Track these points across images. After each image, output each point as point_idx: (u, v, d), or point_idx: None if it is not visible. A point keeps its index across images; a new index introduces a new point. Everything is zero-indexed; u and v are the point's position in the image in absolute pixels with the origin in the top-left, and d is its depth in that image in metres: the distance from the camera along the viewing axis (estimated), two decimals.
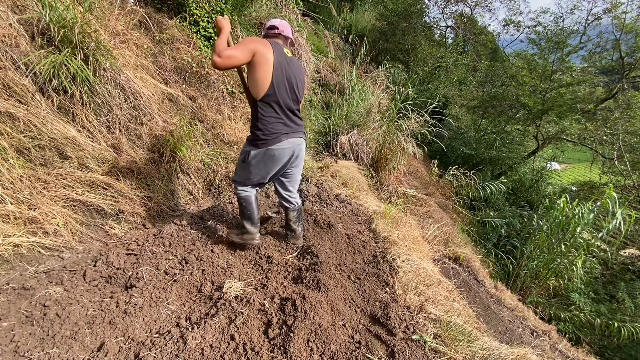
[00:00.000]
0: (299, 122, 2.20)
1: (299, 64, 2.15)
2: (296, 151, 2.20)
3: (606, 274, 7.76)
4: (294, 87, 2.08)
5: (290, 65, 2.05)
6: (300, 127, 2.20)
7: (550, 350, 3.75)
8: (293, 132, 2.14)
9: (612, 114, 9.26)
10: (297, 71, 2.10)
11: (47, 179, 2.24)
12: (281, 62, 1.98)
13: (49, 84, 2.38)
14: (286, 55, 2.05)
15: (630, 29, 9.12)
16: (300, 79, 2.13)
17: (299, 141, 2.18)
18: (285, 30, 2.16)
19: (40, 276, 1.86)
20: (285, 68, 2.01)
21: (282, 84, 2.00)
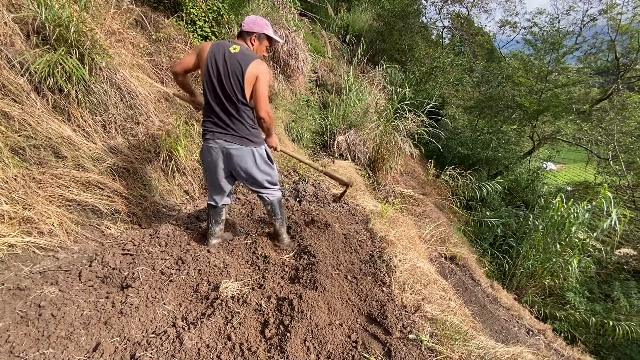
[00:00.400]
0: (230, 123, 2.02)
1: (240, 59, 1.93)
2: (227, 155, 2.07)
3: (601, 273, 7.83)
4: (224, 84, 1.94)
5: (227, 62, 1.93)
6: (229, 130, 2.02)
7: (545, 349, 3.78)
8: (221, 132, 2.03)
9: (607, 115, 9.35)
10: (234, 67, 1.93)
11: (42, 179, 2.23)
12: (214, 60, 1.95)
13: (44, 83, 2.36)
14: (227, 52, 1.95)
15: (626, 30, 9.21)
16: (235, 75, 1.93)
17: (227, 144, 2.04)
18: (245, 26, 2.09)
19: (35, 276, 1.84)
20: (217, 65, 1.94)
21: (210, 82, 1.98)
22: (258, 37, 2.12)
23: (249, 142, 2.07)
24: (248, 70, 1.93)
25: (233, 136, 2.04)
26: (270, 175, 2.29)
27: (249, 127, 2.08)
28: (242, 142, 2.06)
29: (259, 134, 2.17)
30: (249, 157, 2.10)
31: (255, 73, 1.95)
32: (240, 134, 2.04)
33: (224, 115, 2.03)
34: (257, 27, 2.10)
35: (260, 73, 1.97)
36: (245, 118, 2.05)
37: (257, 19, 2.11)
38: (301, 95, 6.05)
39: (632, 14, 9.16)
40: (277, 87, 5.28)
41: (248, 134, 2.07)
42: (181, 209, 3.01)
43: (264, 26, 2.11)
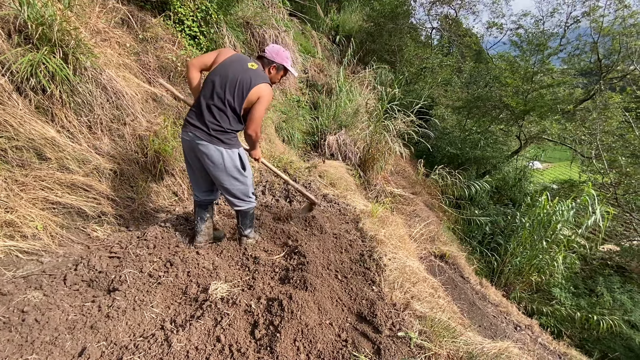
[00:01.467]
0: (209, 121, 2.03)
1: (253, 76, 2.05)
2: (196, 150, 2.07)
3: (586, 269, 8.04)
4: (227, 87, 2.02)
5: (240, 72, 2.04)
6: (204, 127, 2.03)
7: (532, 344, 3.86)
8: (195, 127, 2.04)
9: (590, 115, 9.59)
10: (244, 79, 2.03)
11: (25, 181, 2.17)
12: (230, 64, 2.06)
13: (26, 83, 2.30)
14: (244, 64, 2.07)
15: (608, 32, 9.46)
16: (242, 86, 2.02)
17: (196, 139, 2.04)
18: (267, 54, 2.23)
19: (19, 281, 1.80)
20: (230, 70, 2.04)
21: (215, 80, 2.04)
22: (277, 67, 2.25)
23: (218, 142, 2.06)
24: (255, 88, 2.04)
25: (204, 132, 2.04)
26: (240, 183, 2.22)
27: (225, 130, 2.07)
28: (212, 140, 2.05)
29: (235, 140, 2.15)
30: (216, 156, 2.08)
31: (259, 93, 2.05)
32: (212, 133, 2.04)
33: (208, 113, 2.05)
34: (279, 58, 2.23)
35: (263, 95, 2.07)
36: (225, 123, 2.07)
37: (280, 50, 2.23)
38: (291, 96, 6.05)
39: (613, 17, 9.42)
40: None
41: (220, 135, 2.06)
42: (170, 210, 2.98)
43: (284, 59, 2.24)
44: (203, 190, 2.33)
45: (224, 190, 2.24)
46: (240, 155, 2.18)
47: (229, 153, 2.10)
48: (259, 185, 3.81)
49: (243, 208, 2.33)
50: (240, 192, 2.26)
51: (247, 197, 2.31)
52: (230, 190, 2.22)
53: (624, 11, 9.08)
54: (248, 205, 2.34)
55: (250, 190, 2.32)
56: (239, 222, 2.42)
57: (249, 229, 2.46)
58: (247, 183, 2.27)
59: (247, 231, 2.45)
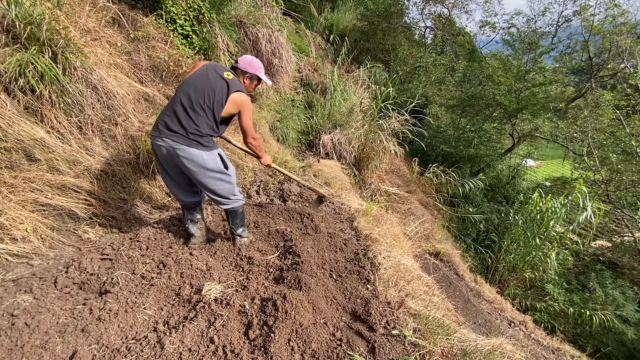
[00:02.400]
0: (186, 125, 2.02)
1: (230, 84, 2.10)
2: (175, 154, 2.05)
3: (578, 265, 8.14)
4: (204, 92, 2.05)
5: (217, 79, 2.10)
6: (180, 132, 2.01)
7: (526, 339, 3.90)
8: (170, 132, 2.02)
9: (581, 112, 9.73)
10: (221, 86, 2.08)
11: (14, 183, 2.14)
12: (207, 71, 2.12)
13: (14, 83, 2.27)
14: (221, 73, 2.13)
15: (598, 31, 9.59)
16: (220, 92, 2.07)
17: (174, 144, 2.01)
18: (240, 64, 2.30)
19: (8, 284, 1.77)
20: (207, 76, 2.10)
21: (191, 85, 2.08)
22: (250, 77, 2.34)
23: (197, 145, 2.05)
24: (234, 95, 2.11)
25: (182, 137, 2.03)
26: (225, 182, 2.21)
27: (203, 134, 2.07)
28: (190, 144, 2.04)
29: (212, 142, 2.16)
30: (196, 159, 2.06)
31: (238, 104, 2.15)
32: (190, 137, 2.04)
33: (185, 118, 2.04)
34: (252, 69, 2.30)
35: (243, 106, 2.17)
36: (203, 127, 2.07)
37: (252, 61, 2.31)
38: (286, 95, 6.03)
39: (604, 16, 9.55)
40: (261, 86, 5.24)
41: (198, 139, 2.06)
42: (162, 211, 2.95)
43: (257, 69, 2.33)
44: (186, 193, 2.30)
45: (209, 191, 2.22)
46: (220, 155, 2.18)
47: (208, 155, 2.10)
48: (253, 185, 3.80)
49: (231, 207, 2.31)
50: (226, 192, 2.24)
51: (233, 196, 2.29)
52: (215, 191, 2.21)
53: (614, 10, 9.21)
54: (235, 203, 2.32)
55: (235, 189, 2.30)
56: (230, 222, 2.41)
57: (240, 228, 2.44)
58: (232, 182, 2.26)
59: (240, 230, 2.44)
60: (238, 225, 2.42)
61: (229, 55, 4.50)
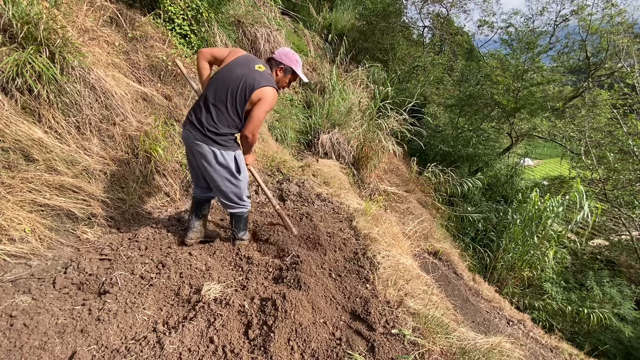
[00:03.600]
0: (205, 122, 2.01)
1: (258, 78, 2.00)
2: (192, 148, 2.07)
3: (576, 264, 8.18)
4: (230, 87, 1.99)
5: (247, 73, 2.00)
6: (200, 127, 2.01)
7: (524, 338, 3.92)
8: (193, 125, 2.04)
9: (579, 112, 9.75)
10: (249, 80, 1.98)
11: (12, 183, 2.13)
12: (238, 64, 2.03)
13: (12, 83, 2.25)
14: (252, 65, 2.03)
15: (595, 31, 9.61)
16: (245, 87, 1.98)
17: (193, 138, 2.03)
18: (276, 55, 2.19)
19: (6, 285, 1.76)
20: (237, 69, 2.01)
21: (220, 78, 2.03)
22: (284, 70, 2.19)
23: (212, 143, 2.03)
24: (258, 90, 1.98)
25: (199, 132, 2.03)
26: (234, 185, 2.19)
27: (220, 132, 2.03)
28: (206, 141, 2.03)
29: (231, 142, 2.11)
30: (209, 156, 2.05)
31: (261, 96, 2.00)
32: (207, 133, 2.02)
33: (206, 113, 2.03)
34: (287, 60, 2.17)
35: (265, 97, 2.01)
36: (223, 125, 2.03)
37: (289, 53, 2.19)
38: (284, 94, 6.03)
39: (601, 15, 9.57)
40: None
41: (214, 137, 2.03)
42: (161, 211, 2.95)
43: (294, 62, 2.19)
44: (201, 187, 2.31)
45: (217, 191, 2.21)
46: (235, 158, 2.13)
47: (223, 154, 2.06)
48: (252, 184, 3.80)
49: (236, 211, 2.30)
50: (234, 195, 2.22)
51: (241, 201, 2.28)
52: (223, 191, 2.19)
53: (611, 9, 9.23)
54: (241, 209, 2.31)
55: (244, 194, 2.28)
56: (233, 225, 2.41)
57: (242, 232, 2.44)
58: (241, 186, 2.22)
59: (241, 234, 2.44)
60: (240, 229, 2.43)
61: None
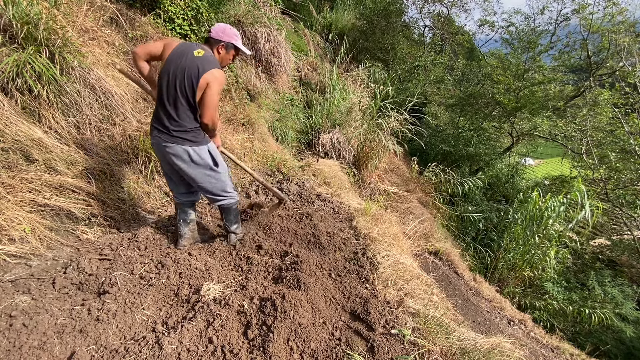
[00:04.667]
0: (167, 123, 1.99)
1: (200, 64, 1.94)
2: (164, 152, 2.05)
3: (577, 264, 8.16)
4: (177, 84, 1.94)
5: (187, 64, 1.94)
6: (165, 129, 1.99)
7: (525, 338, 3.91)
8: (158, 129, 2.02)
9: (580, 111, 9.73)
10: (191, 70, 1.93)
11: (12, 183, 2.13)
12: (176, 59, 1.96)
13: (12, 83, 2.26)
14: (190, 54, 1.96)
15: (597, 29, 9.58)
16: (190, 78, 1.93)
17: (162, 142, 2.01)
18: (213, 33, 2.09)
19: (6, 285, 1.76)
20: (177, 64, 1.95)
21: (165, 78, 1.97)
22: (225, 46, 2.11)
23: (183, 141, 2.01)
24: (204, 75, 1.93)
25: (167, 135, 2.01)
26: (215, 179, 2.19)
27: (187, 129, 2.02)
28: (176, 141, 2.01)
29: (201, 136, 2.09)
30: (184, 156, 2.04)
31: (208, 79, 1.94)
32: (174, 134, 2.00)
33: (165, 115, 2.00)
34: (226, 36, 2.09)
35: (212, 80, 1.95)
36: (185, 121, 2.00)
37: (226, 28, 2.10)
38: (284, 94, 6.02)
39: (602, 14, 9.54)
40: (260, 86, 5.24)
41: (183, 135, 2.01)
42: (161, 211, 2.95)
43: (232, 36, 2.11)
44: (182, 192, 2.30)
45: (200, 188, 2.22)
46: (210, 152, 2.13)
47: (196, 151, 2.06)
48: (252, 184, 3.79)
49: (223, 203, 2.31)
50: (217, 188, 2.23)
51: (225, 192, 2.28)
52: (205, 187, 2.20)
53: (612, 8, 9.20)
54: (228, 200, 2.31)
55: (227, 185, 2.28)
56: (223, 218, 2.41)
57: (234, 224, 2.44)
58: (222, 179, 2.23)
59: (234, 227, 2.44)
60: (232, 221, 2.42)
61: None
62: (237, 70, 4.74)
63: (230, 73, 4.54)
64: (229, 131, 4.09)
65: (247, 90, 4.92)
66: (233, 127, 4.25)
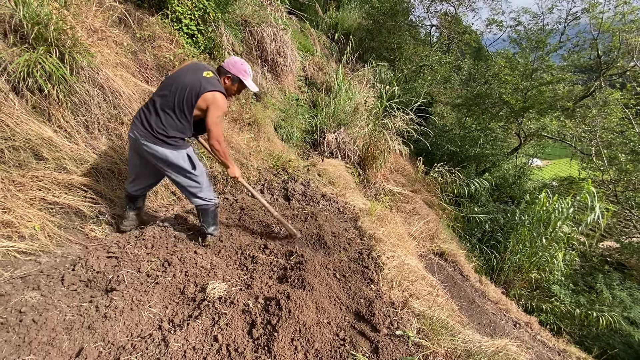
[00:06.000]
0: (154, 124, 2.06)
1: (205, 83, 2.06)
2: (141, 149, 2.12)
3: (585, 266, 8.05)
4: (177, 91, 2.05)
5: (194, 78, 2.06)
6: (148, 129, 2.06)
7: (531, 341, 3.87)
8: (140, 128, 2.08)
9: (590, 111, 9.56)
10: (196, 84, 2.05)
11: (22, 181, 2.17)
12: (187, 71, 2.10)
13: (22, 83, 2.30)
14: (200, 72, 2.09)
15: (607, 29, 9.40)
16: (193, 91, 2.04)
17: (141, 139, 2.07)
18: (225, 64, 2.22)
19: (16, 281, 1.80)
20: (186, 75, 2.08)
21: (169, 83, 2.09)
22: (232, 79, 2.23)
23: (162, 144, 2.09)
24: (206, 94, 2.04)
25: (149, 134, 2.07)
26: (192, 181, 2.24)
27: (169, 135, 2.09)
28: (156, 142, 2.08)
29: (181, 142, 2.16)
30: (163, 158, 2.11)
31: (208, 101, 2.06)
32: (157, 135, 2.07)
33: (156, 117, 2.08)
34: (234, 69, 2.21)
35: (213, 104, 2.07)
36: (171, 128, 2.09)
37: (237, 62, 2.22)
38: (290, 94, 6.03)
39: (613, 13, 9.37)
40: (266, 85, 5.25)
41: (164, 139, 2.08)
42: (168, 210, 2.97)
43: (241, 71, 2.22)
44: (138, 187, 2.37)
45: (179, 187, 2.30)
46: (188, 155, 2.20)
47: (174, 154, 2.13)
48: (258, 184, 3.81)
49: (200, 205, 2.33)
50: (192, 189, 2.28)
51: (202, 194, 2.31)
52: (184, 187, 2.27)
53: (623, 7, 9.04)
54: (206, 203, 2.34)
55: (203, 189, 2.30)
56: (201, 219, 2.42)
57: (212, 226, 2.45)
58: (199, 181, 2.27)
59: (211, 229, 2.45)
60: (209, 223, 2.43)
61: (233, 55, 4.51)
62: None
63: None
64: (235, 131, 4.11)
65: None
66: (239, 126, 4.27)
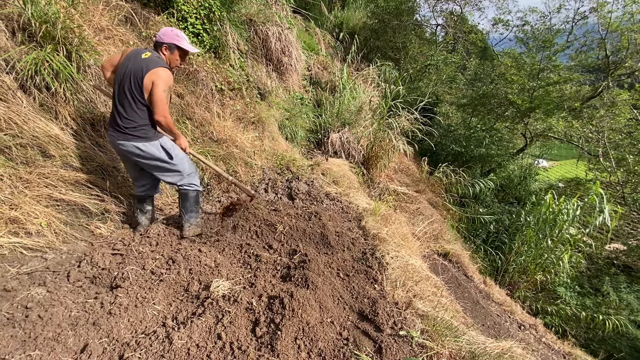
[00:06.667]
0: (119, 121, 2.12)
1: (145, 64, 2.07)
2: (119, 149, 2.21)
3: (591, 268, 7.96)
4: (124, 84, 2.09)
5: (134, 65, 2.08)
6: (117, 127, 2.13)
7: (536, 343, 3.83)
8: (112, 128, 2.17)
9: (597, 112, 9.46)
10: (137, 70, 2.06)
11: (29, 178, 2.19)
12: (125, 62, 2.12)
13: (30, 81, 2.32)
14: (138, 56, 2.11)
15: (615, 29, 9.29)
16: (136, 78, 2.06)
17: (115, 140, 2.16)
18: (157, 37, 2.23)
19: (23, 277, 1.82)
20: (126, 66, 2.10)
21: (116, 80, 2.14)
22: (169, 47, 2.23)
23: (134, 138, 2.14)
24: (148, 74, 2.06)
25: (119, 132, 2.14)
26: (171, 170, 2.32)
27: (138, 125, 2.14)
28: (127, 138, 2.14)
29: (151, 132, 2.21)
30: (136, 151, 2.18)
31: (152, 78, 2.07)
32: (126, 131, 2.13)
33: (117, 114, 2.14)
34: (167, 38, 2.21)
35: (156, 79, 2.07)
36: (136, 118, 2.13)
37: (167, 30, 2.23)
38: (295, 93, 6.03)
39: (621, 13, 9.25)
40: (271, 84, 5.26)
41: (134, 132, 2.14)
42: (172, 208, 2.99)
43: (173, 37, 2.22)
44: (139, 185, 2.43)
45: (159, 177, 2.36)
46: (162, 146, 2.24)
47: (147, 146, 2.18)
48: (262, 182, 3.82)
49: (181, 187, 2.39)
50: (173, 178, 2.35)
51: (183, 179, 2.37)
52: (165, 175, 2.34)
53: (632, 7, 8.92)
54: (187, 188, 2.39)
55: (184, 176, 2.36)
56: (180, 204, 2.45)
57: (189, 213, 2.46)
58: (179, 169, 2.33)
59: (188, 215, 2.46)
60: (187, 209, 2.45)
61: (238, 54, 4.52)
62: (248, 69, 4.77)
63: (242, 72, 4.57)
64: (239, 129, 4.12)
65: (258, 89, 4.95)
66: (243, 125, 4.28)
